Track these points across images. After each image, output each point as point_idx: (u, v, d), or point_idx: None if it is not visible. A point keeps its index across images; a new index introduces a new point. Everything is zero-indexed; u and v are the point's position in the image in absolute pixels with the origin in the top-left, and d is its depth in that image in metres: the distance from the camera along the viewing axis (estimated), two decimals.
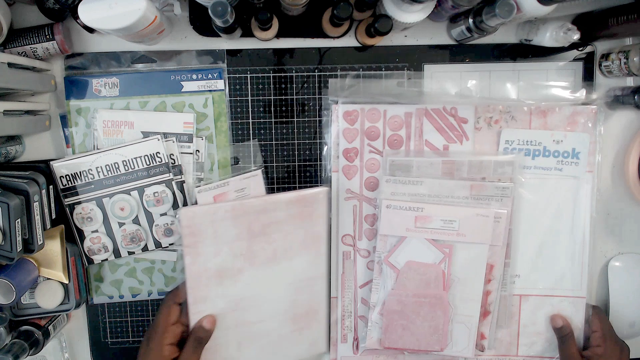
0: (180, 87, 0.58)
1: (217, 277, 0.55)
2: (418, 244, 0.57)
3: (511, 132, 0.59)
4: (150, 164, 0.57)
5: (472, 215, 0.57)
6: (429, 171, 0.58)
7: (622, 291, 0.65)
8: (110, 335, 0.62)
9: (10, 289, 0.50)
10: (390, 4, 0.52)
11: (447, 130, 0.59)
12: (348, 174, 0.59)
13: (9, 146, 0.56)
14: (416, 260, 0.58)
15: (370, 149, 0.59)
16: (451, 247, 0.57)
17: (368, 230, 0.60)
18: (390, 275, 0.58)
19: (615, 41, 0.61)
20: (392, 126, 0.58)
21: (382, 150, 0.59)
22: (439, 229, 0.57)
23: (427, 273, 0.58)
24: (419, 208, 0.57)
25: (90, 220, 0.58)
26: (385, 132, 0.59)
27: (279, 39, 0.59)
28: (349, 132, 0.59)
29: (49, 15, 0.54)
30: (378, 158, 0.59)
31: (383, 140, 0.59)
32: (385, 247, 0.58)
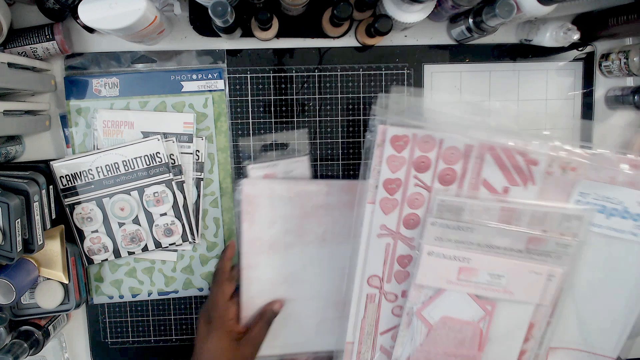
0: (180, 87, 0.58)
1: (269, 247, 0.58)
2: (458, 298, 0.50)
3: (589, 184, 0.49)
4: (150, 164, 0.57)
5: (524, 271, 0.49)
6: (483, 217, 0.49)
7: None
8: (110, 335, 0.62)
9: (10, 289, 0.50)
10: (390, 4, 0.52)
11: (511, 171, 0.50)
12: (386, 207, 0.51)
13: (9, 146, 0.55)
14: (453, 316, 0.50)
15: (416, 181, 0.50)
16: (494, 304, 0.50)
17: (399, 273, 0.52)
18: (420, 330, 0.51)
19: (615, 41, 0.61)
20: (447, 159, 0.50)
21: (430, 185, 0.50)
22: (484, 284, 0.49)
23: (464, 331, 0.50)
24: (466, 258, 0.49)
25: (90, 220, 0.58)
26: (438, 164, 0.50)
27: (279, 39, 0.59)
28: (395, 160, 0.50)
29: (49, 15, 0.54)
30: (424, 193, 0.51)
31: (433, 173, 0.50)
32: (419, 298, 0.50)
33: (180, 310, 0.62)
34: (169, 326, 0.62)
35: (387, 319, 0.53)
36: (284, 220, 0.58)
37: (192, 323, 0.62)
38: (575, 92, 0.62)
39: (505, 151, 0.49)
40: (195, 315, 0.62)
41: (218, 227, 0.60)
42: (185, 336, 0.63)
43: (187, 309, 0.62)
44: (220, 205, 0.60)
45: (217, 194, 0.60)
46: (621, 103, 0.61)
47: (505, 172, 0.50)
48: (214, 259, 0.61)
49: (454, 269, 0.49)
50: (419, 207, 0.51)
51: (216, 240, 0.61)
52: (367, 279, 0.53)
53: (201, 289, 0.61)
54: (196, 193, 0.59)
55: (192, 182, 0.59)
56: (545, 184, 0.50)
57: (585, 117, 0.62)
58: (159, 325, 0.62)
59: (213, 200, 0.60)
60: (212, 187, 0.60)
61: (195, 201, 0.59)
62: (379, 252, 0.52)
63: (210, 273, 0.61)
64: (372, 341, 0.54)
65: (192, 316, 0.62)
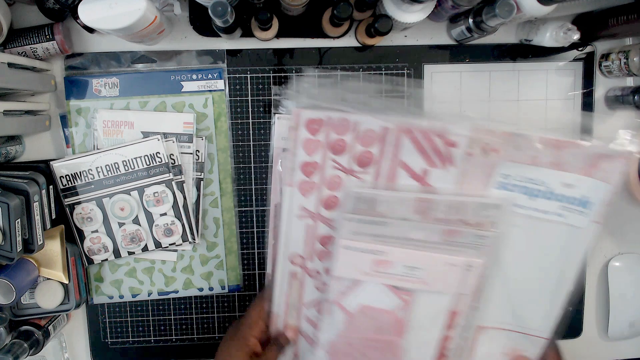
0: (180, 87, 0.58)
1: None
2: (376, 289, 0.50)
3: (511, 166, 0.48)
4: (150, 164, 0.57)
5: (439, 263, 0.49)
6: (398, 209, 0.49)
7: (622, 291, 0.65)
8: (110, 335, 0.62)
9: (10, 289, 0.50)
10: (390, 4, 0.52)
11: (430, 153, 0.49)
12: (304, 190, 0.51)
13: (9, 146, 0.55)
14: (372, 305, 0.51)
15: (334, 164, 0.50)
16: (411, 294, 0.50)
17: (321, 252, 0.52)
18: (341, 318, 0.51)
19: (615, 41, 0.61)
20: (364, 141, 0.49)
21: (348, 167, 0.50)
22: (400, 275, 0.49)
23: (382, 319, 0.51)
24: (380, 251, 0.48)
25: (90, 220, 0.58)
26: (355, 147, 0.49)
27: (279, 39, 0.59)
28: (310, 144, 0.50)
29: (49, 15, 0.54)
30: (342, 175, 0.50)
31: (351, 156, 0.50)
32: (337, 288, 0.51)
33: (180, 310, 0.62)
34: (169, 326, 0.62)
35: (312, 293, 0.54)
36: None
37: (192, 323, 0.62)
38: (575, 92, 0.62)
39: (422, 133, 0.48)
40: (195, 315, 0.62)
41: (218, 227, 0.60)
42: (185, 336, 0.63)
43: (187, 309, 0.62)
44: (220, 205, 0.60)
45: (217, 194, 0.60)
46: (621, 103, 0.61)
47: (424, 154, 0.49)
48: (214, 258, 0.61)
49: (369, 262, 0.49)
50: (338, 188, 0.51)
51: (216, 240, 0.61)
52: (290, 258, 0.53)
53: (201, 289, 0.61)
54: (196, 193, 0.59)
55: (192, 182, 0.59)
56: (466, 166, 0.49)
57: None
58: (159, 325, 0.62)
59: (213, 200, 0.60)
60: (212, 187, 0.60)
61: (195, 201, 0.59)
62: (300, 232, 0.52)
63: (210, 273, 0.61)
64: (297, 312, 0.55)
65: (192, 316, 0.62)
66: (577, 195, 0.48)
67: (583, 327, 0.66)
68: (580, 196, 0.48)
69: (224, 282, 0.61)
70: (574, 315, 0.66)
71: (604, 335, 0.67)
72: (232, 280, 0.62)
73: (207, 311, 0.62)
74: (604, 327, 0.67)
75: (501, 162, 0.48)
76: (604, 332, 0.67)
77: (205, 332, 0.63)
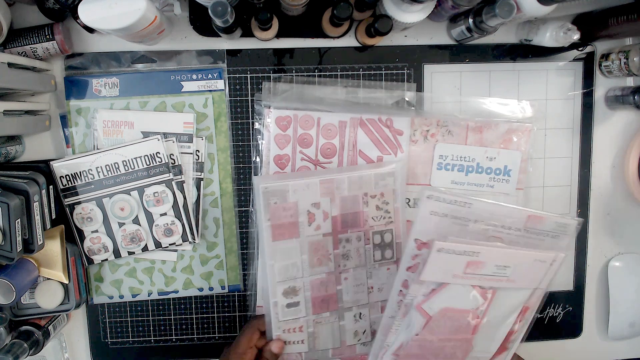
0: (180, 87, 0.58)
1: None
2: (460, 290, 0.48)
3: (445, 146, 0.58)
4: (150, 164, 0.57)
5: (529, 260, 0.48)
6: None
7: (622, 291, 0.65)
8: (110, 335, 0.62)
9: (10, 289, 0.50)
10: (390, 4, 0.52)
11: (381, 142, 0.58)
12: None
13: (9, 146, 0.55)
14: (453, 307, 0.48)
15: (302, 156, 0.58)
16: (495, 291, 0.49)
17: None
18: (418, 322, 0.49)
19: (615, 41, 0.61)
20: (326, 134, 0.57)
21: (315, 158, 0.58)
22: (490, 275, 0.47)
23: (461, 320, 0.49)
24: (474, 252, 0.46)
25: (90, 220, 0.58)
26: (319, 140, 0.57)
27: (279, 39, 0.59)
28: (281, 139, 0.57)
29: (49, 15, 0.54)
30: (310, 166, 0.58)
31: (316, 148, 0.58)
32: (420, 291, 0.48)
33: (180, 310, 0.62)
34: (169, 326, 0.62)
35: None
36: None
37: (192, 323, 0.62)
38: (575, 92, 0.62)
39: (372, 124, 0.57)
40: (195, 315, 0.62)
41: (218, 227, 0.60)
42: (185, 336, 0.63)
43: (187, 309, 0.62)
44: (220, 205, 0.60)
45: (217, 194, 0.60)
46: (621, 103, 0.61)
47: (377, 143, 0.58)
48: (214, 258, 0.61)
49: (462, 264, 0.47)
50: None
51: (216, 240, 0.61)
52: None
53: (201, 288, 0.61)
54: (196, 193, 0.59)
55: (192, 182, 0.59)
56: (413, 151, 0.58)
57: (585, 117, 0.63)
58: (159, 325, 0.62)
59: (213, 200, 0.60)
60: (212, 187, 0.60)
61: (195, 201, 0.59)
62: None
63: (210, 273, 0.61)
64: None
65: (192, 316, 0.62)
66: (500, 165, 0.59)
67: (583, 327, 0.66)
68: (502, 166, 0.59)
69: (224, 282, 0.61)
70: (574, 315, 0.66)
71: (604, 335, 0.67)
72: (232, 280, 0.62)
73: (207, 311, 0.62)
74: (604, 327, 0.67)
75: (438, 144, 0.58)
76: (604, 332, 0.67)
77: (205, 332, 0.63)
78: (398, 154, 0.58)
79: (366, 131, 0.58)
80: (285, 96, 0.58)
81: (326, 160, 0.58)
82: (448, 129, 0.58)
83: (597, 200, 0.64)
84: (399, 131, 0.58)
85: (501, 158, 0.59)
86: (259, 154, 0.58)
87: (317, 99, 0.58)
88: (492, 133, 0.59)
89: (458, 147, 0.58)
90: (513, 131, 0.59)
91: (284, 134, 0.57)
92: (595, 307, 0.67)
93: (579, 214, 0.64)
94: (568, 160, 0.63)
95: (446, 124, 0.58)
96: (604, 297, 0.66)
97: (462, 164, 0.59)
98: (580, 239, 0.64)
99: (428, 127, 0.58)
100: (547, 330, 0.65)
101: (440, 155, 0.59)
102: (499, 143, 0.59)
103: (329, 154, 0.58)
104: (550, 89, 0.62)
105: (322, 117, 0.57)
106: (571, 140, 0.63)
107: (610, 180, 0.64)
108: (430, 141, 0.58)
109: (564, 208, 0.64)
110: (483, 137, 0.59)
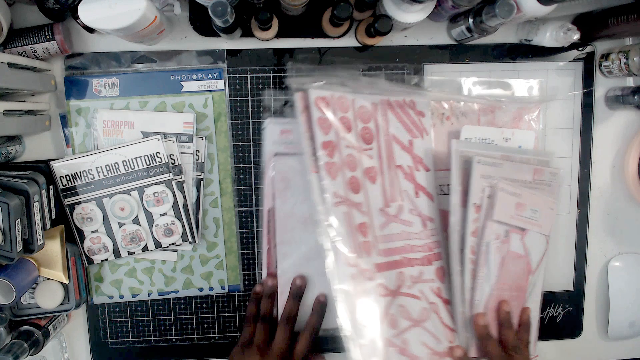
0: (180, 87, 0.58)
1: (302, 223, 0.56)
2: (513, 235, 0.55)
3: (471, 129, 0.58)
4: (150, 164, 0.57)
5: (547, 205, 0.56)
6: None
7: (622, 291, 0.65)
8: (110, 335, 0.62)
9: (10, 289, 0.50)
10: (390, 4, 0.52)
11: (409, 125, 0.55)
12: (332, 172, 0.48)
13: (9, 146, 0.56)
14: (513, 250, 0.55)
15: (346, 142, 0.50)
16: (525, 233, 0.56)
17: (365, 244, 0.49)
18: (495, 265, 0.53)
19: (615, 41, 0.61)
20: (362, 117, 0.52)
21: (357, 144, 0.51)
22: (529, 218, 0.55)
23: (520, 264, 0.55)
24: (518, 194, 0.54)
25: (90, 220, 0.58)
26: (357, 124, 0.51)
27: (279, 39, 0.59)
28: (324, 123, 0.49)
29: (49, 15, 0.54)
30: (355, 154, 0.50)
31: (356, 132, 0.51)
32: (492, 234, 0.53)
33: (180, 310, 0.62)
34: (169, 326, 0.62)
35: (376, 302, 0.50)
36: None
37: (192, 323, 0.62)
38: (575, 92, 0.62)
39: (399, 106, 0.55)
40: (195, 315, 0.62)
41: (218, 227, 0.60)
42: (185, 336, 0.63)
43: (187, 309, 0.62)
44: (220, 205, 0.60)
45: (217, 194, 0.60)
46: (621, 103, 0.61)
47: (406, 126, 0.55)
48: (214, 258, 0.61)
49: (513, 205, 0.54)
50: (355, 169, 0.50)
51: (216, 240, 0.61)
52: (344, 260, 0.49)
53: (201, 289, 0.61)
54: (196, 193, 0.59)
55: (192, 182, 0.59)
56: (435, 134, 0.58)
57: (585, 117, 0.63)
58: (159, 325, 0.62)
59: (213, 200, 0.60)
60: (212, 187, 0.60)
61: (195, 201, 0.59)
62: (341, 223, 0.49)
63: (210, 273, 0.61)
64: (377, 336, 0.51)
65: (192, 316, 0.62)
66: (515, 145, 0.59)
67: (583, 327, 0.66)
68: (517, 146, 0.59)
69: (224, 282, 0.61)
70: (574, 315, 0.66)
71: (604, 335, 0.67)
72: (232, 280, 0.62)
73: (207, 311, 0.62)
74: (604, 327, 0.67)
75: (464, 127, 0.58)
76: (604, 332, 0.67)
77: (205, 332, 0.63)
78: (424, 137, 0.56)
79: (395, 114, 0.55)
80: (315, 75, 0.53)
81: (367, 146, 0.52)
82: (461, 111, 0.58)
83: (597, 200, 0.64)
84: (422, 113, 0.56)
85: (515, 138, 0.59)
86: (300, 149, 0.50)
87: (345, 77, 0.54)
88: (503, 113, 0.59)
89: (480, 129, 0.58)
90: (523, 110, 0.59)
91: (324, 117, 0.49)
92: (595, 307, 0.67)
93: (579, 214, 0.64)
94: (568, 160, 0.63)
95: (459, 106, 0.58)
96: (604, 297, 0.66)
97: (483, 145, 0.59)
98: (580, 239, 0.64)
99: (443, 110, 0.58)
100: (547, 330, 0.65)
101: (466, 138, 0.58)
102: (511, 123, 0.59)
103: (368, 139, 0.52)
104: (550, 89, 0.62)
105: (356, 99, 0.52)
106: (571, 140, 0.63)
107: (610, 180, 0.64)
108: (446, 124, 0.58)
109: (564, 208, 0.64)
110: (495, 118, 0.59)
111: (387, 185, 0.52)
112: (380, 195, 0.52)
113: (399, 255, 0.52)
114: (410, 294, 0.52)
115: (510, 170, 0.55)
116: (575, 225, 0.64)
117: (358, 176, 0.50)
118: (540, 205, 0.56)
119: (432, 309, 0.53)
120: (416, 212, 0.54)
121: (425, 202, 0.55)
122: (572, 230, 0.64)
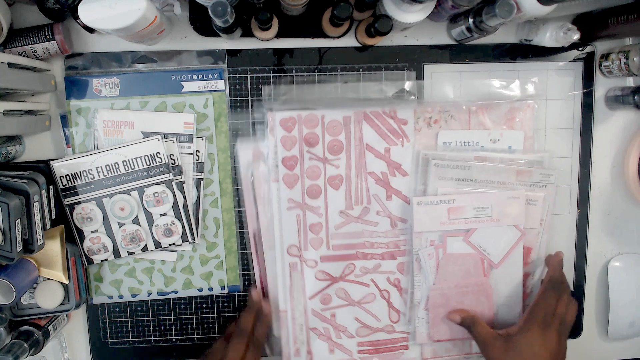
0: (180, 87, 0.58)
1: None
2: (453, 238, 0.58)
3: (448, 133, 0.59)
4: (150, 164, 0.57)
5: (503, 199, 0.57)
6: None
7: (622, 291, 0.65)
8: (110, 335, 0.62)
9: (10, 289, 0.50)
10: (390, 4, 0.52)
11: (387, 133, 0.58)
12: (289, 182, 0.58)
13: (9, 146, 0.55)
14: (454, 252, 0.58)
15: (310, 155, 0.57)
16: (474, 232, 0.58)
17: (314, 240, 0.59)
18: (430, 271, 0.58)
19: (615, 41, 0.61)
20: (331, 131, 0.57)
21: (322, 156, 0.57)
22: (473, 218, 0.57)
23: (466, 262, 0.58)
24: (450, 200, 0.57)
25: (90, 220, 0.58)
26: (325, 138, 0.57)
27: (279, 39, 0.59)
28: (287, 140, 0.57)
29: (49, 15, 0.54)
30: (319, 165, 0.58)
31: (323, 146, 0.57)
32: (421, 243, 0.58)
33: (180, 310, 0.62)
34: (168, 326, 0.62)
35: (312, 284, 0.59)
36: None
37: (192, 323, 0.62)
38: (575, 92, 0.62)
39: (377, 116, 0.57)
40: (195, 315, 0.62)
41: (218, 227, 0.60)
42: (185, 336, 0.63)
43: (187, 309, 0.62)
44: (220, 205, 0.60)
45: (217, 194, 0.60)
46: (621, 103, 0.61)
47: (383, 135, 0.58)
48: (213, 259, 0.61)
49: (444, 212, 0.57)
50: (317, 178, 0.58)
51: (216, 240, 0.61)
52: (287, 249, 0.59)
53: (201, 289, 0.61)
54: (196, 193, 0.59)
55: (192, 183, 0.59)
56: (418, 139, 0.59)
57: (585, 117, 0.63)
58: (158, 325, 0.62)
59: (213, 200, 0.60)
60: (212, 188, 0.60)
61: (195, 201, 0.59)
62: (292, 223, 0.58)
63: (210, 273, 0.61)
64: (303, 307, 0.60)
65: (192, 316, 0.62)
66: (504, 146, 0.60)
67: (583, 327, 0.66)
68: (506, 147, 0.60)
69: (224, 283, 0.61)
70: None
71: (604, 335, 0.67)
72: (231, 281, 0.62)
73: (207, 311, 0.62)
74: (604, 327, 0.67)
75: (441, 131, 0.59)
76: (604, 332, 0.67)
77: (205, 332, 0.63)
78: (404, 144, 0.58)
79: (371, 124, 0.57)
80: (286, 98, 0.58)
81: (334, 157, 0.58)
82: (450, 114, 0.59)
83: (597, 200, 0.64)
84: (404, 120, 0.58)
85: (505, 139, 0.60)
86: (265, 160, 0.58)
87: (318, 97, 0.58)
88: (494, 114, 0.59)
89: (461, 133, 0.59)
90: (515, 110, 0.59)
91: (289, 135, 0.57)
92: (595, 307, 0.67)
93: (579, 214, 0.64)
94: (568, 160, 0.63)
95: (448, 109, 0.59)
96: (604, 297, 0.66)
97: (467, 149, 0.60)
98: (580, 239, 0.64)
99: (430, 114, 0.58)
100: None
101: (444, 142, 0.59)
102: (502, 123, 0.60)
103: (336, 151, 0.58)
104: (550, 89, 0.62)
105: (326, 115, 0.57)
106: (571, 140, 0.63)
107: (610, 180, 0.64)
108: (434, 128, 0.59)
109: (564, 208, 0.64)
110: (486, 119, 0.59)
111: (353, 191, 0.59)
112: (343, 199, 0.59)
113: (354, 250, 0.60)
114: (357, 282, 0.60)
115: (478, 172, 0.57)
116: (575, 225, 0.64)
117: (320, 184, 0.58)
118: (492, 202, 0.57)
119: (380, 295, 0.61)
120: (385, 213, 0.60)
121: (398, 204, 0.59)
122: (572, 230, 0.64)
